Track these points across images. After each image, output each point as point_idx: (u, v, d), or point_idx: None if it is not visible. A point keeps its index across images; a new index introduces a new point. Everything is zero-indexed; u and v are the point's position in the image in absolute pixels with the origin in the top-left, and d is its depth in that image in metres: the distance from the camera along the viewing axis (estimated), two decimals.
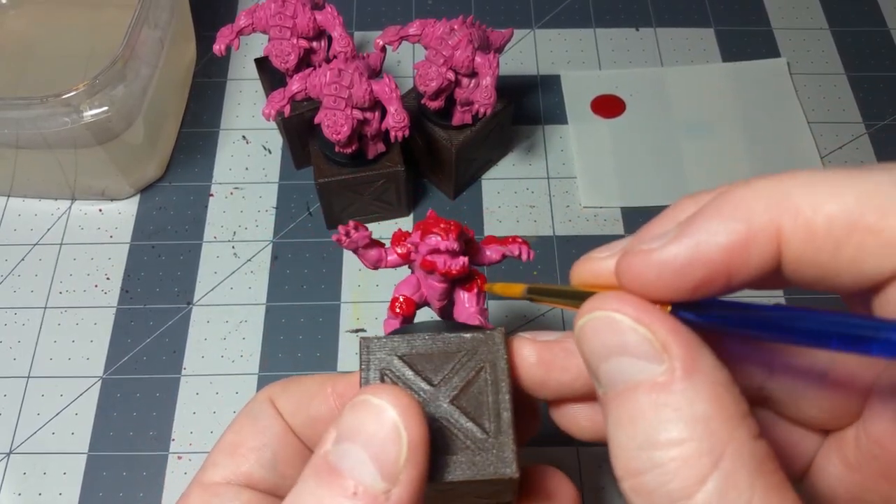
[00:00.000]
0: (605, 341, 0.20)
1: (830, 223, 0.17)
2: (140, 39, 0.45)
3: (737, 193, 0.19)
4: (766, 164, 0.53)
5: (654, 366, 0.19)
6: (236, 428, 0.27)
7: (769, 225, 0.18)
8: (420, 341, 0.25)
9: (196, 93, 0.56)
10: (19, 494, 0.42)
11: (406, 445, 0.20)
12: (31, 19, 0.56)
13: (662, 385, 0.18)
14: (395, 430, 0.20)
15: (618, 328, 0.20)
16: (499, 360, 0.24)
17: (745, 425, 0.18)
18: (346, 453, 0.20)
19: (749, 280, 0.19)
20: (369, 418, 0.21)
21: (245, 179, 0.52)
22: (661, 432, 0.18)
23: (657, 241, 0.19)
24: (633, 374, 0.19)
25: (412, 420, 0.20)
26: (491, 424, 0.24)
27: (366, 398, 0.21)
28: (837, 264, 0.18)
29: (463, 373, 0.24)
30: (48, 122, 0.43)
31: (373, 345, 0.25)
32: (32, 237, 0.50)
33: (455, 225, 0.30)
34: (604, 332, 0.20)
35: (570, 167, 0.53)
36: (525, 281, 0.26)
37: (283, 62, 0.45)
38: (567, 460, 0.43)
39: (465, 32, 0.43)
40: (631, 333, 0.19)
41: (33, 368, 0.45)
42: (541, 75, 0.57)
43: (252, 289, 0.48)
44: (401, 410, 0.20)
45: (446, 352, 0.24)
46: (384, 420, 0.20)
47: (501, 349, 0.24)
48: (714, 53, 0.58)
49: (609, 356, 0.20)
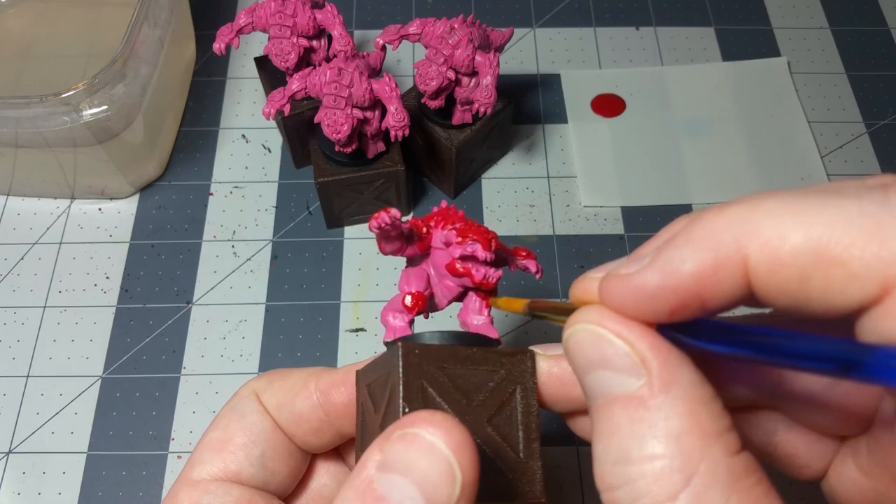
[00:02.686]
0: (587, 354, 0.20)
1: (796, 254, 0.17)
2: (140, 38, 0.44)
3: (707, 220, 0.19)
4: (766, 164, 0.53)
5: (633, 379, 0.19)
6: (223, 424, 0.27)
7: (736, 254, 0.18)
8: (460, 354, 0.24)
9: (196, 92, 0.56)
10: (19, 494, 0.42)
11: (459, 486, 0.19)
12: (31, 18, 0.55)
13: (639, 399, 0.19)
14: (450, 470, 0.19)
15: (599, 341, 0.20)
16: (529, 382, 0.24)
17: (722, 442, 0.18)
18: (394, 485, 0.19)
19: (724, 305, 0.19)
20: (421, 454, 0.19)
21: (245, 178, 0.52)
22: (635, 447, 0.18)
23: (635, 266, 0.20)
24: (613, 387, 0.19)
25: (467, 459, 0.19)
26: (521, 447, 0.24)
27: (416, 431, 0.20)
28: (806, 294, 0.17)
29: (498, 392, 0.24)
30: (48, 122, 0.43)
31: (414, 351, 0.23)
32: (32, 236, 0.50)
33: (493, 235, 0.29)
34: (586, 345, 0.20)
35: (570, 166, 0.53)
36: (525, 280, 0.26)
37: (283, 61, 0.45)
38: (567, 460, 0.43)
39: (466, 31, 0.43)
40: (610, 346, 0.19)
41: (33, 368, 0.45)
42: (541, 74, 0.57)
43: (252, 288, 0.48)
44: (455, 448, 0.19)
45: (484, 369, 0.24)
46: (438, 457, 0.19)
47: (531, 371, 0.24)
48: (714, 53, 0.58)
49: (591, 368, 0.20)
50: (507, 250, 0.31)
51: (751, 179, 0.52)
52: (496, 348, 0.25)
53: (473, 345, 0.25)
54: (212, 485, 0.26)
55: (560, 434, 0.44)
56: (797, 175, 0.53)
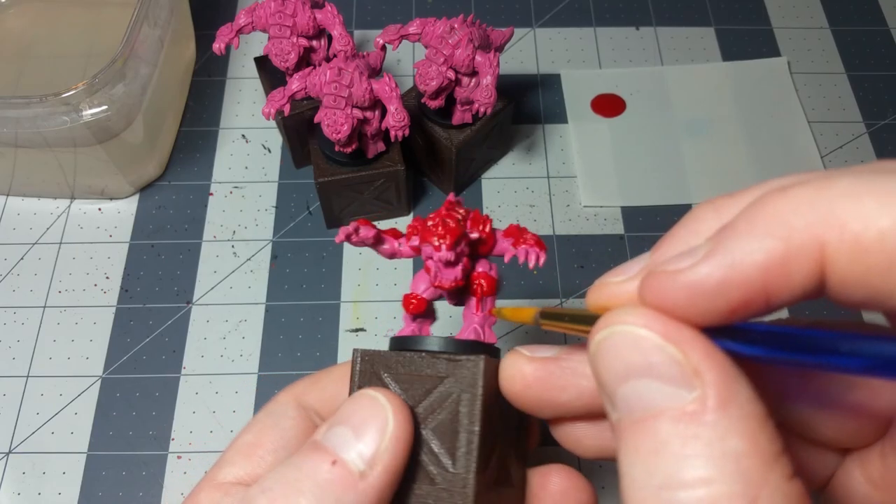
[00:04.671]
0: (626, 360, 0.18)
1: (883, 240, 0.15)
2: (139, 38, 0.44)
3: (772, 205, 0.17)
4: (766, 164, 0.53)
5: (683, 392, 0.17)
6: (256, 428, 0.27)
7: (810, 242, 0.16)
8: (410, 360, 0.24)
9: (196, 92, 0.56)
10: (19, 494, 0.42)
11: (390, 436, 0.22)
12: (31, 18, 0.55)
13: (691, 415, 0.16)
14: (384, 420, 0.22)
15: (642, 346, 0.18)
16: (476, 391, 0.23)
17: (780, 466, 0.16)
18: (334, 434, 0.22)
19: (790, 301, 0.17)
20: (365, 407, 0.22)
21: (245, 178, 0.52)
22: (687, 469, 0.16)
23: (686, 260, 0.17)
24: (657, 399, 0.17)
25: (401, 417, 0.22)
26: (459, 457, 0.23)
27: (366, 391, 0.23)
28: (891, 285, 0.16)
29: (441, 400, 0.24)
30: (47, 122, 0.43)
31: (366, 357, 0.25)
32: (32, 236, 0.50)
33: (453, 230, 0.27)
34: (625, 350, 0.18)
35: (570, 166, 0.53)
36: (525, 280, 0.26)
37: (283, 61, 0.45)
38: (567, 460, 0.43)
39: (466, 31, 0.43)
40: (658, 352, 0.17)
41: (32, 368, 0.45)
42: (541, 74, 0.57)
43: (252, 288, 0.48)
44: (394, 407, 0.22)
45: (432, 375, 0.24)
46: (377, 410, 0.22)
47: (479, 380, 0.23)
48: (714, 52, 0.58)
49: (629, 377, 0.18)
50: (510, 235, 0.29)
51: (751, 179, 0.52)
52: (448, 354, 0.24)
53: (445, 351, 0.24)
54: (234, 488, 0.25)
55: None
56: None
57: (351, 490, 0.21)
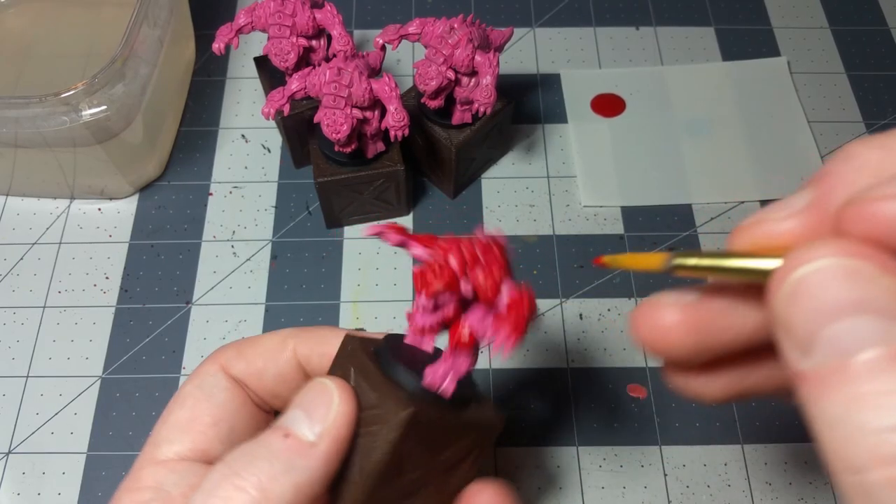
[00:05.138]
0: (836, 297, 0.16)
1: None
2: (139, 38, 0.44)
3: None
4: (766, 164, 0.53)
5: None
6: (189, 403, 0.27)
7: None
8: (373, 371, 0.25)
9: (195, 92, 0.56)
10: (18, 494, 0.42)
11: (334, 413, 0.24)
12: (30, 18, 0.55)
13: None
14: (331, 401, 0.24)
15: (859, 278, 0.16)
16: (390, 435, 0.24)
17: None
18: (288, 416, 0.24)
19: None
20: (315, 391, 0.25)
21: (244, 178, 0.52)
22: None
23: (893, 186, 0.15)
24: (879, 338, 0.15)
25: (346, 400, 0.24)
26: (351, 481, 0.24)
27: (320, 380, 0.25)
28: None
29: (369, 421, 0.24)
30: (47, 121, 0.42)
31: (347, 346, 0.26)
32: (31, 236, 0.50)
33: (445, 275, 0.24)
34: (836, 285, 0.16)
35: (570, 166, 0.53)
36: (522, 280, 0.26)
37: (283, 61, 0.45)
38: (567, 460, 0.43)
39: (465, 31, 0.42)
40: (875, 286, 0.15)
41: (32, 368, 0.45)
42: (541, 74, 0.57)
43: (251, 288, 0.48)
44: (340, 392, 0.24)
45: (375, 395, 0.25)
46: (325, 393, 0.24)
47: (395, 433, 0.24)
48: (714, 52, 0.58)
49: (842, 315, 0.16)
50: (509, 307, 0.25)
51: (751, 179, 0.52)
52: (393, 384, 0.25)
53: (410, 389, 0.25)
54: (178, 465, 0.25)
55: (560, 434, 0.44)
56: (797, 175, 0.52)
57: (302, 456, 0.23)
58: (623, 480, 0.42)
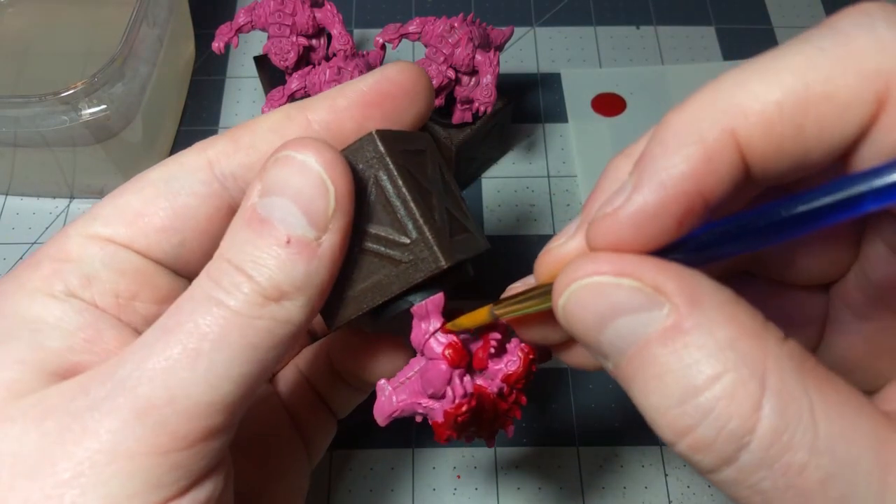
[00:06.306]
0: (595, 310, 0.18)
1: (782, 108, 0.17)
2: (138, 37, 0.44)
3: (675, 120, 0.18)
4: None
5: (656, 312, 0.17)
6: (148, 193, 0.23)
7: (723, 135, 0.17)
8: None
9: (195, 91, 0.56)
10: None
11: (333, 197, 0.21)
12: (30, 17, 0.55)
13: (673, 328, 0.17)
14: (322, 183, 0.21)
15: (602, 290, 0.18)
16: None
17: (771, 334, 0.17)
18: (274, 205, 0.21)
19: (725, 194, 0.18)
20: (295, 173, 0.21)
21: None
22: (694, 375, 0.17)
23: (618, 198, 0.18)
24: (638, 331, 0.17)
25: (338, 173, 0.21)
26: (409, 228, 0.23)
27: (288, 153, 0.21)
28: (804, 144, 0.17)
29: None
30: (46, 121, 0.42)
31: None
32: (31, 236, 0.50)
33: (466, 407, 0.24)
34: (591, 301, 0.18)
35: (571, 166, 0.53)
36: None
37: (283, 60, 0.45)
38: (567, 460, 0.43)
39: (465, 30, 0.42)
40: (618, 290, 0.18)
41: None
42: (541, 73, 0.57)
43: None
44: (325, 164, 0.21)
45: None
46: (309, 174, 0.21)
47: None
48: (715, 52, 0.58)
49: (605, 323, 0.18)
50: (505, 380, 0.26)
51: None
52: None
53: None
54: (110, 245, 0.22)
55: (560, 434, 0.43)
56: None
57: (313, 259, 0.21)
58: (623, 480, 0.42)
